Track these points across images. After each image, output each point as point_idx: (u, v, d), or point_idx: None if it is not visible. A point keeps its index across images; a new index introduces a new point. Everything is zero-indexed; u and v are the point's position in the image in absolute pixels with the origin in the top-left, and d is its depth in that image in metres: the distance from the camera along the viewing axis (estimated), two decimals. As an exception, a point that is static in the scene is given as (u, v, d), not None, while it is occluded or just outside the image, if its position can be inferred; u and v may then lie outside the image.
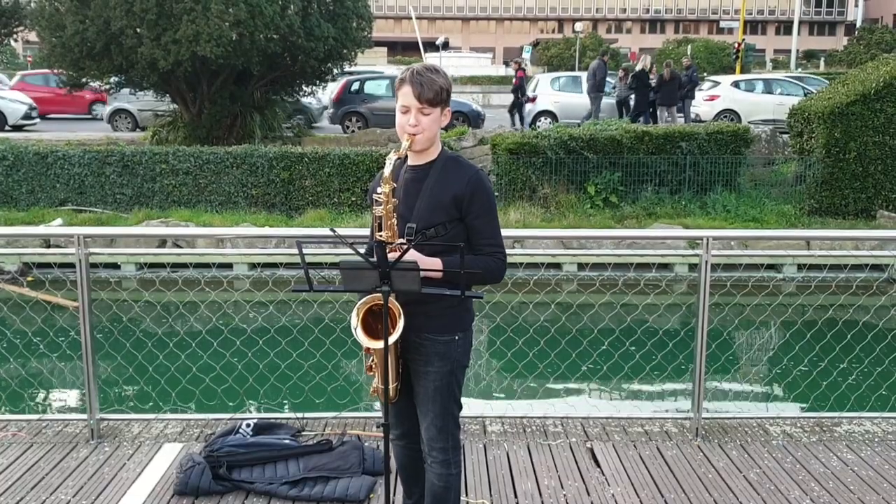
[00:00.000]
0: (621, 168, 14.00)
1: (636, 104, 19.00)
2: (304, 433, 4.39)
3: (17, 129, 21.98)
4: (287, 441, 4.17)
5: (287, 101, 19.90)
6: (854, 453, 4.27)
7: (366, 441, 4.23)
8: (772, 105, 20.43)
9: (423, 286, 2.67)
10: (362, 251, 2.88)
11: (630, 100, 19.63)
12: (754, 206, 13.90)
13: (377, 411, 5.66)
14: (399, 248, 2.72)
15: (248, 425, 4.23)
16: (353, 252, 2.77)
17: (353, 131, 20.44)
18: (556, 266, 11.90)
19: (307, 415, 4.67)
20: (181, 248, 10.96)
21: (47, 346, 7.06)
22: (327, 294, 3.16)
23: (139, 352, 6.28)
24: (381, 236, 2.80)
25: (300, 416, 4.63)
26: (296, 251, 2.78)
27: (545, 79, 23.02)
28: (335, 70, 19.25)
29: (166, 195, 14.27)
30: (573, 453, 4.23)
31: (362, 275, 2.70)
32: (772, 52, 65.60)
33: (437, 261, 2.77)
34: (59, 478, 3.95)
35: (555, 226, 13.08)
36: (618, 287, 7.34)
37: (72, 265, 4.29)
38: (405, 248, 2.69)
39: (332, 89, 22.12)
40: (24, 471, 4.02)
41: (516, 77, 21.83)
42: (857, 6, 65.07)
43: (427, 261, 2.74)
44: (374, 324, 2.85)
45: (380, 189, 2.77)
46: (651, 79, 18.95)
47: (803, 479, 3.98)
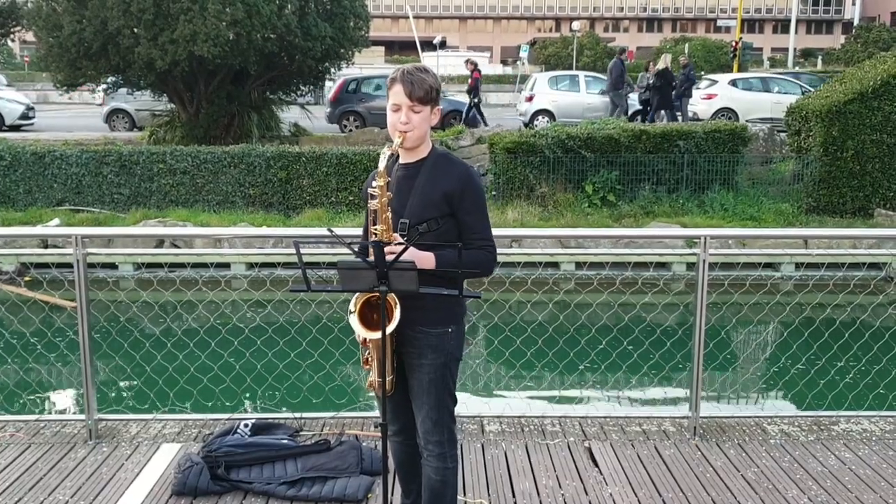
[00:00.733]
0: (619, 167, 14.00)
1: (659, 102, 18.85)
2: (302, 433, 4.39)
3: (14, 128, 21.98)
4: (285, 441, 4.17)
5: (284, 100, 19.90)
6: (852, 452, 4.27)
7: (364, 441, 4.23)
8: (769, 103, 20.43)
9: (420, 286, 2.69)
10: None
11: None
12: (752, 204, 13.91)
13: (375, 411, 5.66)
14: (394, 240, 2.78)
15: (247, 425, 4.23)
16: (350, 252, 2.78)
17: (350, 130, 20.45)
18: (554, 265, 11.91)
19: (305, 415, 4.67)
20: (179, 247, 10.95)
21: (45, 346, 7.05)
22: (325, 294, 3.16)
23: (137, 352, 6.28)
24: (375, 230, 2.83)
25: (298, 416, 4.63)
26: (293, 251, 2.79)
27: (543, 78, 23.01)
28: (332, 70, 19.25)
29: (164, 195, 14.27)
30: (571, 453, 4.23)
31: (360, 275, 2.73)
32: (769, 50, 65.63)
33: (430, 255, 2.82)
34: (57, 478, 3.95)
35: (552, 225, 13.08)
36: (615, 286, 7.32)
37: (69, 265, 4.29)
38: (404, 247, 2.70)
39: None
40: (23, 471, 4.02)
41: (472, 78, 20.94)
42: (854, 4, 65.09)
43: (421, 255, 2.78)
44: (370, 314, 2.87)
45: (375, 183, 2.82)
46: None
47: (801, 477, 3.98)
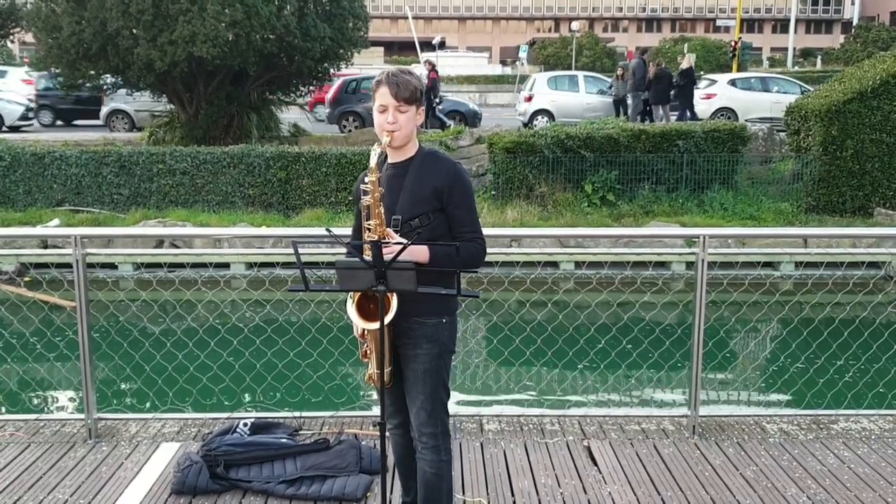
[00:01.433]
0: (618, 166, 14.00)
1: (681, 101, 18.70)
2: (301, 432, 4.39)
3: (14, 129, 21.98)
4: (284, 440, 4.18)
5: (284, 101, 19.89)
6: (851, 451, 4.27)
7: (363, 440, 4.23)
8: (769, 103, 20.43)
9: (418, 286, 2.72)
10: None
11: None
12: (751, 204, 13.91)
13: (374, 410, 5.67)
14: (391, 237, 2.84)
15: (246, 424, 4.24)
16: (349, 251, 2.80)
17: (349, 131, 20.45)
18: (554, 265, 11.91)
19: (304, 414, 4.68)
20: (178, 248, 10.95)
21: (45, 346, 7.06)
22: (324, 294, 3.17)
23: (136, 351, 6.29)
24: (369, 225, 2.87)
25: (297, 415, 4.64)
26: (292, 250, 2.81)
27: (542, 78, 23.01)
28: (331, 70, 19.24)
29: (163, 195, 14.27)
30: (570, 451, 4.23)
31: (358, 274, 2.76)
32: (768, 50, 65.62)
33: (423, 248, 2.88)
34: (56, 477, 3.95)
35: (552, 224, 13.08)
36: (615, 285, 7.33)
37: (69, 265, 4.29)
38: (402, 246, 2.72)
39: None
40: (22, 470, 4.03)
41: (428, 78, 19.85)
42: (853, 4, 65.02)
43: (414, 248, 2.82)
44: (367, 304, 2.91)
45: (367, 179, 2.87)
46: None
47: (800, 476, 3.98)
